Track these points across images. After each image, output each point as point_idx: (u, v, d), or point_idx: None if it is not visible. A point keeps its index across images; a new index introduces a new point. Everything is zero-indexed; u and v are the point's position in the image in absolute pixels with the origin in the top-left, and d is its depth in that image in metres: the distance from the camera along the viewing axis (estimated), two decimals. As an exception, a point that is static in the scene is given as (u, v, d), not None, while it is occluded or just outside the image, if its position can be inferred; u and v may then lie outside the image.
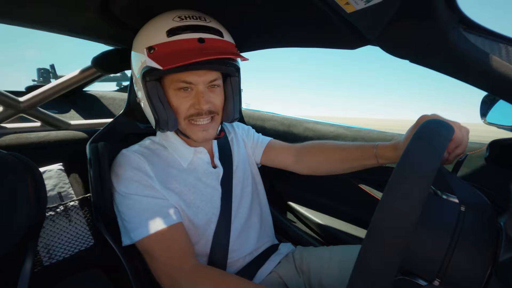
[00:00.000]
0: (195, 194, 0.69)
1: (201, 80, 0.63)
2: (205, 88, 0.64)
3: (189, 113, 0.64)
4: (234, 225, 0.73)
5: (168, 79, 0.63)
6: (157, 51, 0.58)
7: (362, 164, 0.73)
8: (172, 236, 0.61)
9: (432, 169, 0.31)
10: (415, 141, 0.34)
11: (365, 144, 0.73)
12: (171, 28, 0.58)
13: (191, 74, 0.61)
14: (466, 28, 0.42)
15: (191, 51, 0.57)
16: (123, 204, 0.64)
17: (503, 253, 0.34)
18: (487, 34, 0.41)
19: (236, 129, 0.89)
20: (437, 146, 0.34)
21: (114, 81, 2.02)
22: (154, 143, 0.73)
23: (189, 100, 0.64)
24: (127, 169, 0.64)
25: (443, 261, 0.35)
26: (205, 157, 0.74)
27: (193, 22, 0.60)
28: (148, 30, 0.61)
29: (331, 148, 0.79)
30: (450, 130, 0.38)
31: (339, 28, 0.60)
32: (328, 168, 0.80)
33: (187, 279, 0.57)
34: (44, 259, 0.77)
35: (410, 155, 0.33)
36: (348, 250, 0.79)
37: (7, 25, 0.63)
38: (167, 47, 0.57)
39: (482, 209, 0.41)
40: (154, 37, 0.59)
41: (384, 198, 0.32)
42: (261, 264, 0.76)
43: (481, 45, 0.41)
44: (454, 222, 0.37)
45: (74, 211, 0.86)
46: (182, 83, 0.62)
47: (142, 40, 0.61)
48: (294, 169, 0.85)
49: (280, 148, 0.88)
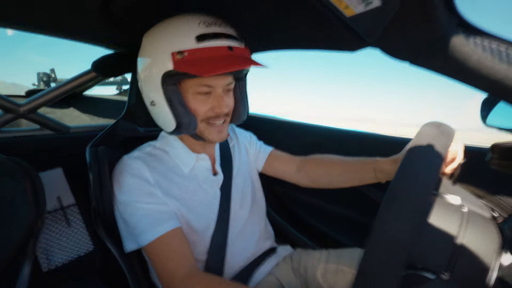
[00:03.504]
0: (196, 201, 0.69)
1: (220, 84, 0.64)
2: (222, 92, 0.65)
3: (207, 115, 0.65)
4: (232, 230, 0.73)
5: (189, 83, 0.62)
6: (188, 56, 0.58)
7: (362, 178, 0.76)
8: (169, 242, 0.61)
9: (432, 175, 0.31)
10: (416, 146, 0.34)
11: (365, 158, 0.76)
12: (201, 34, 0.58)
13: (213, 78, 0.62)
14: (465, 30, 0.42)
15: (225, 59, 0.58)
16: (126, 212, 0.64)
17: (507, 258, 0.33)
18: (487, 37, 0.41)
19: (238, 135, 0.89)
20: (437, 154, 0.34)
21: (114, 85, 2.03)
22: (155, 148, 0.72)
23: (208, 103, 0.64)
24: (127, 177, 0.65)
25: (452, 254, 0.35)
26: (207, 164, 0.74)
27: (220, 30, 0.61)
28: (171, 34, 0.60)
29: (332, 161, 0.82)
30: (451, 132, 0.38)
31: (338, 31, 0.60)
32: (328, 181, 0.83)
33: (181, 284, 0.57)
34: (43, 265, 0.76)
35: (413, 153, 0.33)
36: (346, 253, 0.79)
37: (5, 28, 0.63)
38: (198, 53, 0.58)
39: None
40: (181, 42, 0.58)
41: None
42: (259, 266, 0.76)
43: (480, 48, 0.41)
44: (459, 219, 0.37)
45: (73, 216, 0.86)
46: (205, 87, 0.62)
47: (165, 44, 0.60)
48: (295, 180, 0.88)
49: (282, 158, 0.90)
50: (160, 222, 0.61)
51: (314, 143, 1.14)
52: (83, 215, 0.87)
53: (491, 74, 0.41)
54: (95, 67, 0.82)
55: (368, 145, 1.02)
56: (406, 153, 0.41)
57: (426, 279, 0.35)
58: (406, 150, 0.61)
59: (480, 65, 0.41)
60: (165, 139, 0.74)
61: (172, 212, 0.65)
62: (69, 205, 0.87)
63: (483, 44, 0.41)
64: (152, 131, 0.84)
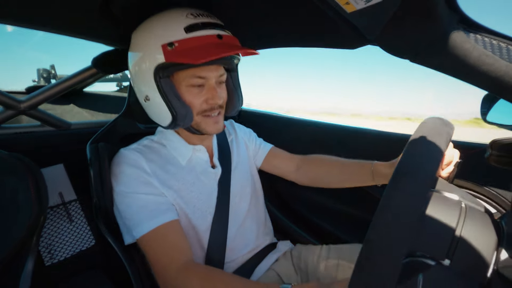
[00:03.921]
0: (193, 192, 0.69)
1: (213, 75, 0.64)
2: (215, 84, 0.65)
3: (202, 108, 0.65)
4: (232, 225, 0.73)
5: (181, 75, 0.62)
6: (178, 47, 0.58)
7: (359, 180, 0.78)
8: (165, 234, 0.61)
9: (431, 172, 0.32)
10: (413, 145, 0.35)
11: (363, 161, 0.77)
12: (189, 25, 0.59)
13: (205, 69, 0.62)
14: (466, 27, 0.42)
15: (216, 46, 0.59)
16: (123, 203, 0.64)
17: (505, 253, 0.34)
18: (487, 33, 0.41)
19: (238, 130, 0.89)
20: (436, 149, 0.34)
21: (114, 82, 2.03)
22: (152, 141, 0.73)
23: (202, 95, 0.64)
24: (124, 167, 0.65)
25: (451, 243, 0.36)
26: (204, 156, 0.74)
27: (208, 20, 0.61)
28: (160, 27, 0.60)
29: (331, 162, 0.84)
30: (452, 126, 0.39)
31: (338, 28, 0.60)
32: (327, 181, 0.84)
33: (176, 276, 0.57)
34: (45, 259, 0.77)
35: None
36: (346, 249, 0.79)
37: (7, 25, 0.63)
38: (188, 43, 0.58)
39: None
40: (170, 34, 0.59)
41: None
42: (259, 261, 0.77)
43: (481, 45, 0.41)
44: (457, 212, 0.38)
45: (75, 211, 0.86)
46: (197, 78, 0.63)
47: (155, 38, 0.60)
48: (294, 178, 0.89)
49: (282, 156, 0.90)
50: (156, 214, 0.62)
51: (315, 139, 1.14)
52: (84, 210, 0.88)
53: (492, 71, 0.41)
54: (95, 63, 0.82)
55: (368, 141, 1.03)
56: (414, 132, 0.41)
57: (427, 265, 0.35)
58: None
59: (481, 62, 0.41)
60: (162, 133, 0.74)
61: (169, 204, 0.65)
62: (70, 200, 0.87)
63: (484, 41, 0.41)
64: (152, 127, 0.84)
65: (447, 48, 0.42)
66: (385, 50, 0.52)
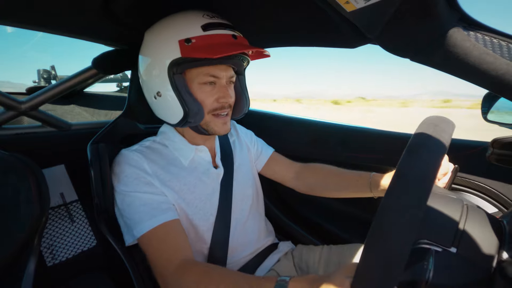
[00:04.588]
0: (195, 193, 0.69)
1: (225, 74, 0.66)
2: (226, 83, 0.67)
3: (213, 106, 0.66)
4: (234, 225, 0.73)
5: (194, 72, 0.64)
6: (196, 43, 0.60)
7: (357, 191, 0.78)
8: (164, 233, 0.61)
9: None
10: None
11: (362, 172, 0.78)
12: (206, 24, 0.61)
13: (218, 68, 0.64)
14: (466, 26, 0.42)
15: (232, 45, 0.61)
16: (124, 202, 0.64)
17: (506, 251, 0.34)
18: (488, 31, 0.41)
19: (239, 131, 0.89)
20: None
21: (115, 82, 2.03)
22: (154, 142, 0.73)
23: (214, 93, 0.65)
24: (125, 167, 0.65)
25: (457, 232, 0.36)
26: (206, 156, 0.74)
27: (223, 21, 0.64)
28: (178, 25, 0.62)
29: (330, 172, 0.84)
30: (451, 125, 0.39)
31: (338, 27, 0.60)
32: (325, 189, 0.85)
33: (173, 275, 0.57)
34: (47, 260, 0.77)
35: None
36: (347, 249, 0.79)
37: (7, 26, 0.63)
38: (206, 39, 0.60)
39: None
40: (188, 31, 0.60)
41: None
42: (260, 262, 0.76)
43: (482, 43, 0.41)
44: (460, 208, 0.39)
45: (76, 212, 0.87)
46: (210, 76, 0.64)
47: (172, 34, 0.61)
48: (293, 185, 0.90)
49: (282, 162, 0.91)
50: (157, 213, 0.62)
51: (318, 139, 1.14)
52: (85, 211, 0.88)
53: (492, 70, 0.40)
54: (95, 64, 0.82)
55: (370, 141, 1.03)
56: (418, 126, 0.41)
57: (435, 251, 0.36)
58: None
59: (481, 60, 0.41)
60: (164, 134, 0.74)
61: (169, 203, 0.65)
62: (72, 201, 0.87)
63: (484, 39, 0.41)
64: (153, 128, 0.84)
65: (447, 46, 0.42)
66: (385, 49, 0.51)
